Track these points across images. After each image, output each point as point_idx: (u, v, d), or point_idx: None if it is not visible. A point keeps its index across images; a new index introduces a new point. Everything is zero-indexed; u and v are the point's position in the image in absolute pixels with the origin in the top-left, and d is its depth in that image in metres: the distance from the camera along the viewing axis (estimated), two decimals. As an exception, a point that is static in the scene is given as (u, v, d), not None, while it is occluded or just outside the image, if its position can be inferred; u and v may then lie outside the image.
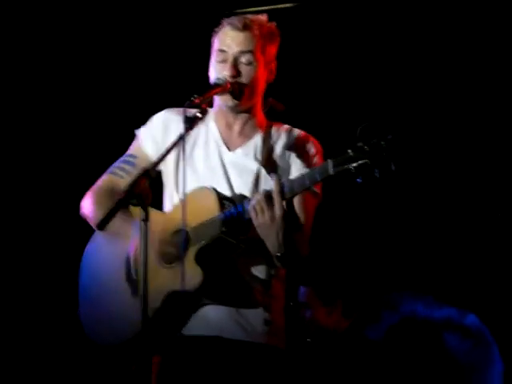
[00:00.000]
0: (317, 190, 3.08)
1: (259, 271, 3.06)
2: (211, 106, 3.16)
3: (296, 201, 3.04)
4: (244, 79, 3.05)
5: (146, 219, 2.56)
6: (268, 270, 3.07)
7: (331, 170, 2.80)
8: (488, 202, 4.65)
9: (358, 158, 2.76)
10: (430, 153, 4.58)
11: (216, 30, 3.13)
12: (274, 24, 3.15)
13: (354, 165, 2.76)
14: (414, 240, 4.75)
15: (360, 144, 2.77)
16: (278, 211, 2.87)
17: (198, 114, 2.90)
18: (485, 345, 1.66)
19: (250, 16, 3.13)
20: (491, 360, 1.66)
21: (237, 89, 3.04)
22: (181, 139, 2.91)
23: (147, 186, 2.59)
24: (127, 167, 3.18)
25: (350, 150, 2.78)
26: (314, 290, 4.38)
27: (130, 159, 3.19)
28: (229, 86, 3.02)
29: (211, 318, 3.01)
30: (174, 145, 2.89)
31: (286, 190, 2.89)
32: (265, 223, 2.88)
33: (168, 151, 2.88)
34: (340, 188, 3.81)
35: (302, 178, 2.90)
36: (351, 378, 3.93)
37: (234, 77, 3.03)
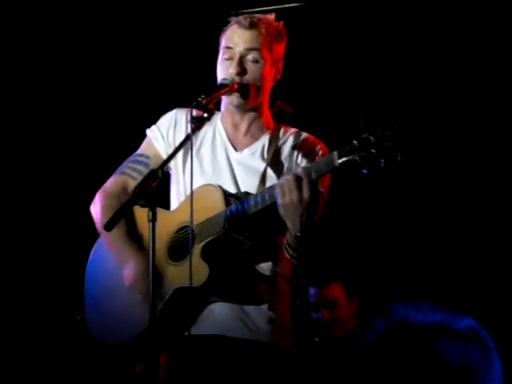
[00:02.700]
0: (321, 188, 3.06)
1: (264, 268, 3.05)
2: (218, 108, 3.15)
3: None
4: (250, 77, 3.04)
5: (153, 219, 2.56)
6: (273, 267, 3.06)
7: (336, 162, 2.78)
8: (488, 202, 4.65)
9: (364, 148, 2.73)
10: (428, 150, 4.58)
11: (224, 28, 3.13)
12: (281, 23, 3.14)
13: (360, 155, 2.73)
14: (415, 240, 4.75)
15: (365, 135, 2.75)
16: (306, 193, 2.83)
17: (205, 115, 2.90)
18: (481, 347, 1.63)
19: (257, 15, 3.13)
20: (488, 363, 1.63)
21: (243, 88, 3.03)
22: (188, 140, 2.91)
23: (155, 187, 2.59)
24: (139, 167, 3.15)
25: (355, 141, 2.76)
26: (344, 285, 4.33)
27: (143, 159, 3.17)
28: (235, 86, 3.01)
29: (216, 316, 3.01)
30: (182, 145, 2.90)
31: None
32: (292, 203, 2.83)
33: (176, 151, 2.88)
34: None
35: (308, 168, 2.87)
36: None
37: (239, 74, 3.02)
